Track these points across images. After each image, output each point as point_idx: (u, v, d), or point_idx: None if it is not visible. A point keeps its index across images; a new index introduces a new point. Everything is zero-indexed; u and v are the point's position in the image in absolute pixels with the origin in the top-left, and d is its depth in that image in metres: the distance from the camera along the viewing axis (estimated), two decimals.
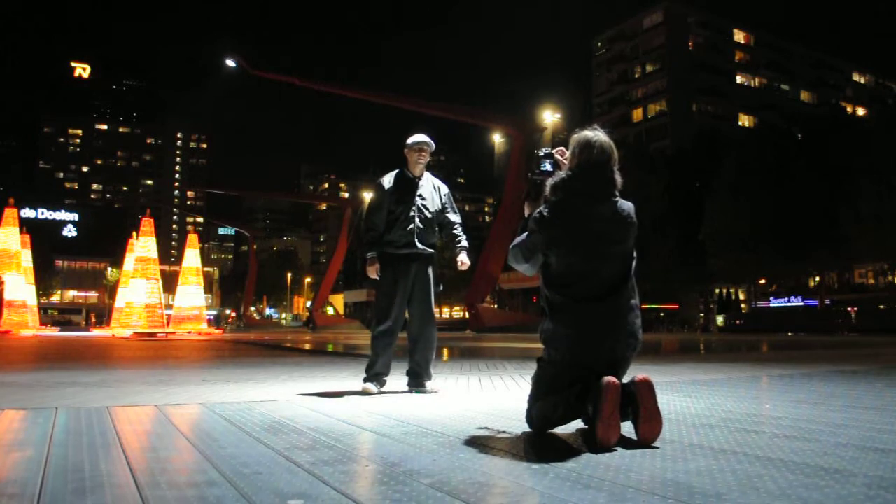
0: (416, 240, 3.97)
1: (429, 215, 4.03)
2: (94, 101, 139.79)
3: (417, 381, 4.00)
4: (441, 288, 4.18)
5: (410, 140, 4.07)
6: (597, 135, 2.50)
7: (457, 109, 33.33)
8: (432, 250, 4.07)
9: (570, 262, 2.42)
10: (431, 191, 4.10)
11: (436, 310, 4.16)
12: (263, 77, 33.95)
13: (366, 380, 3.95)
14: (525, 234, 2.56)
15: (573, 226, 2.43)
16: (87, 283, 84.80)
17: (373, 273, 3.97)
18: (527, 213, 2.71)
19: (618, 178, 2.48)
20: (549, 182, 2.52)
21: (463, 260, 4.10)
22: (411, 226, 3.96)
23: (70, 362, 7.59)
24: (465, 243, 4.14)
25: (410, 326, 4.06)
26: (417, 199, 4.01)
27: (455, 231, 4.14)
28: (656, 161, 46.37)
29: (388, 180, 4.04)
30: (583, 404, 2.25)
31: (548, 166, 2.73)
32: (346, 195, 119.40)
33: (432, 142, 4.09)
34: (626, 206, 2.50)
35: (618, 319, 2.38)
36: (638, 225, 2.51)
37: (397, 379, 4.32)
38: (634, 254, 2.51)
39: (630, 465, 1.85)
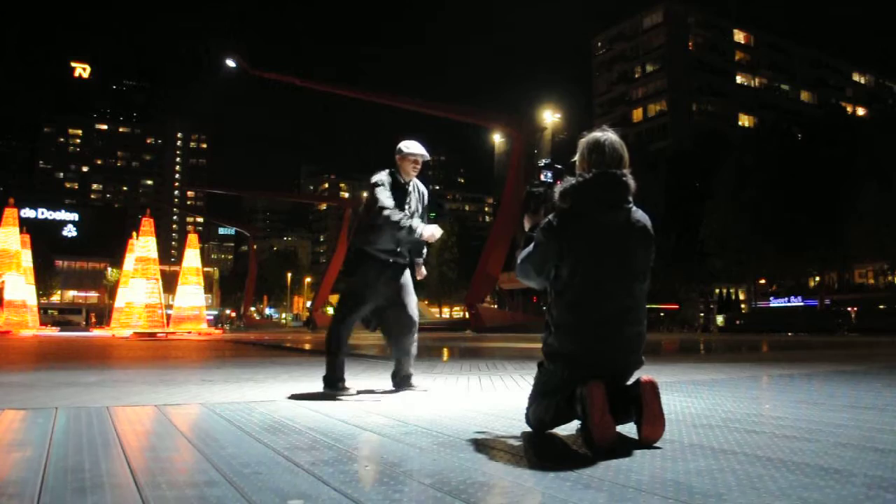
0: (397, 248, 3.92)
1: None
2: (94, 101, 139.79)
3: (406, 383, 4.02)
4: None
5: (407, 149, 3.97)
6: (606, 135, 2.40)
7: (457, 109, 33.38)
8: (415, 257, 4.07)
9: (581, 274, 2.31)
10: (417, 198, 4.07)
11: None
12: (263, 77, 33.94)
13: (337, 384, 3.87)
14: (532, 246, 2.44)
15: (585, 235, 2.32)
16: (87, 283, 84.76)
17: (437, 231, 3.81)
18: (526, 226, 2.61)
19: (631, 182, 2.35)
20: (558, 188, 2.39)
21: (422, 272, 4.13)
22: (399, 234, 3.91)
23: (70, 362, 7.59)
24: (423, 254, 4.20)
25: (396, 330, 3.99)
26: (406, 207, 3.95)
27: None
28: (656, 161, 46.38)
29: (384, 181, 3.92)
30: (573, 408, 2.23)
31: (549, 176, 2.61)
32: (346, 195, 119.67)
33: (428, 154, 4.05)
34: (642, 216, 2.38)
35: (622, 345, 2.31)
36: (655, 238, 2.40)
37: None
38: (649, 275, 2.39)
39: (630, 465, 1.85)
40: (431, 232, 3.77)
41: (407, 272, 4.03)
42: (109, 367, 6.91)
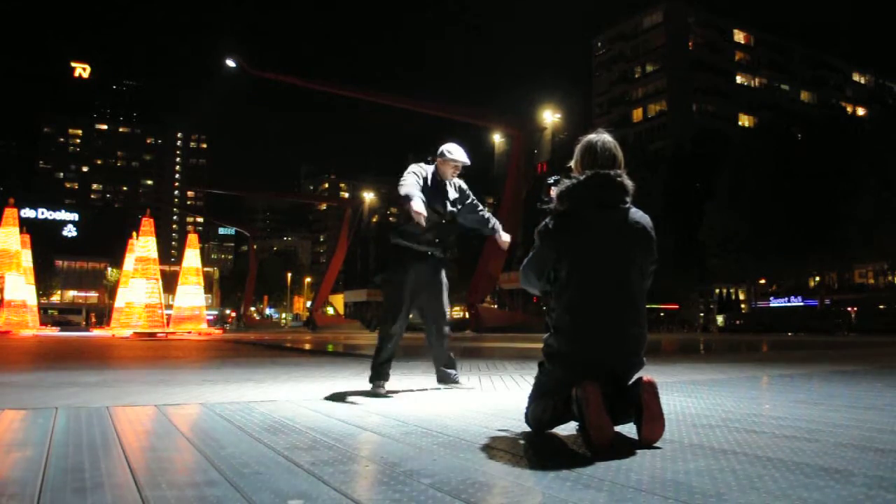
0: (437, 240, 3.98)
1: (450, 217, 4.05)
2: (94, 101, 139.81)
3: (449, 378, 4.11)
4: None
5: (450, 154, 4.02)
6: (600, 137, 2.41)
7: (457, 109, 33.37)
8: (445, 255, 4.09)
9: (578, 275, 2.31)
10: (454, 192, 4.11)
11: None
12: (264, 76, 33.91)
13: (375, 379, 3.95)
14: (531, 252, 2.45)
15: (581, 236, 2.32)
16: (87, 283, 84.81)
17: (422, 208, 3.60)
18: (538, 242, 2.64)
19: (628, 182, 2.34)
20: (554, 191, 2.40)
21: (503, 238, 4.13)
22: (435, 226, 3.96)
23: (70, 362, 7.58)
24: (495, 222, 4.20)
25: (432, 327, 4.08)
26: (447, 202, 4.01)
27: (485, 214, 4.20)
28: (656, 161, 46.40)
29: (421, 172, 3.96)
30: (569, 410, 2.23)
31: None
32: (346, 195, 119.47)
33: (469, 160, 4.10)
34: (641, 216, 2.37)
35: (622, 346, 2.31)
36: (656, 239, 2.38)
37: (398, 378, 4.32)
38: (650, 274, 2.38)
39: (630, 465, 1.85)
40: (416, 208, 3.57)
41: (443, 271, 4.08)
42: (109, 367, 6.91)
